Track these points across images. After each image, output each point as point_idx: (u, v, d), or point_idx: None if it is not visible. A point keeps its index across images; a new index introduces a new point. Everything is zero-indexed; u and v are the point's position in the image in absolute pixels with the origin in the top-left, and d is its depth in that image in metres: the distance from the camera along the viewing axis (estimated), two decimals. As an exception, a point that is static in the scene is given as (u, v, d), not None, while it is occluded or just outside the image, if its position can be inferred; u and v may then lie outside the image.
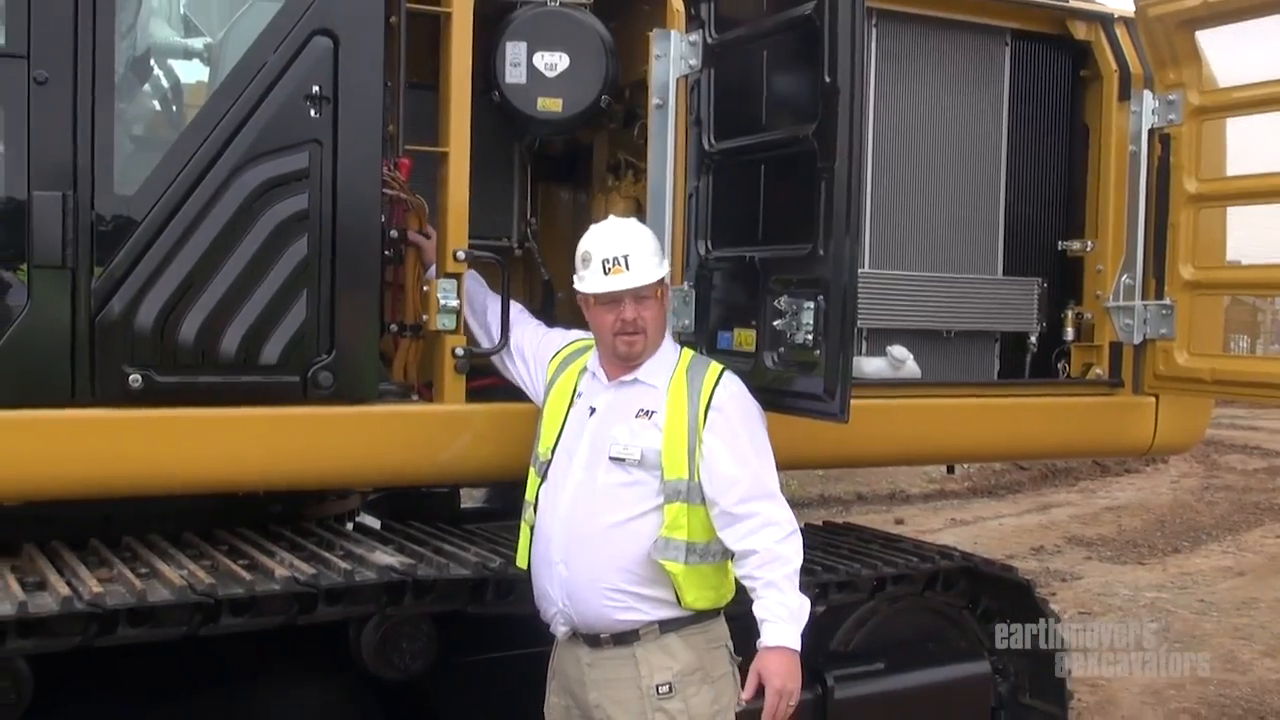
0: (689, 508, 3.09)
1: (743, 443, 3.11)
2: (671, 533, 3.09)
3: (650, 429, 3.14)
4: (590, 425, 3.24)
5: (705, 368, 3.21)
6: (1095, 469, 14.99)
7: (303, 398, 3.29)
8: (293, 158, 3.24)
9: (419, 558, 3.53)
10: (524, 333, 3.60)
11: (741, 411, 3.16)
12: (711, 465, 3.08)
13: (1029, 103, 4.55)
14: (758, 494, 3.08)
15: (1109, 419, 4.52)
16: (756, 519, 3.05)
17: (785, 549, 3.04)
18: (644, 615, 3.13)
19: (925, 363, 4.25)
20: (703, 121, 3.74)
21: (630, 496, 3.13)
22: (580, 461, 3.22)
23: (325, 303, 3.29)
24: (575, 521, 3.17)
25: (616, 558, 3.12)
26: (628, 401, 3.22)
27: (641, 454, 3.12)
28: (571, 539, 3.17)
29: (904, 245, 4.28)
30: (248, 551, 3.49)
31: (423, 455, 3.53)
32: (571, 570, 3.17)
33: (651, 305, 3.21)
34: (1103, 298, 4.48)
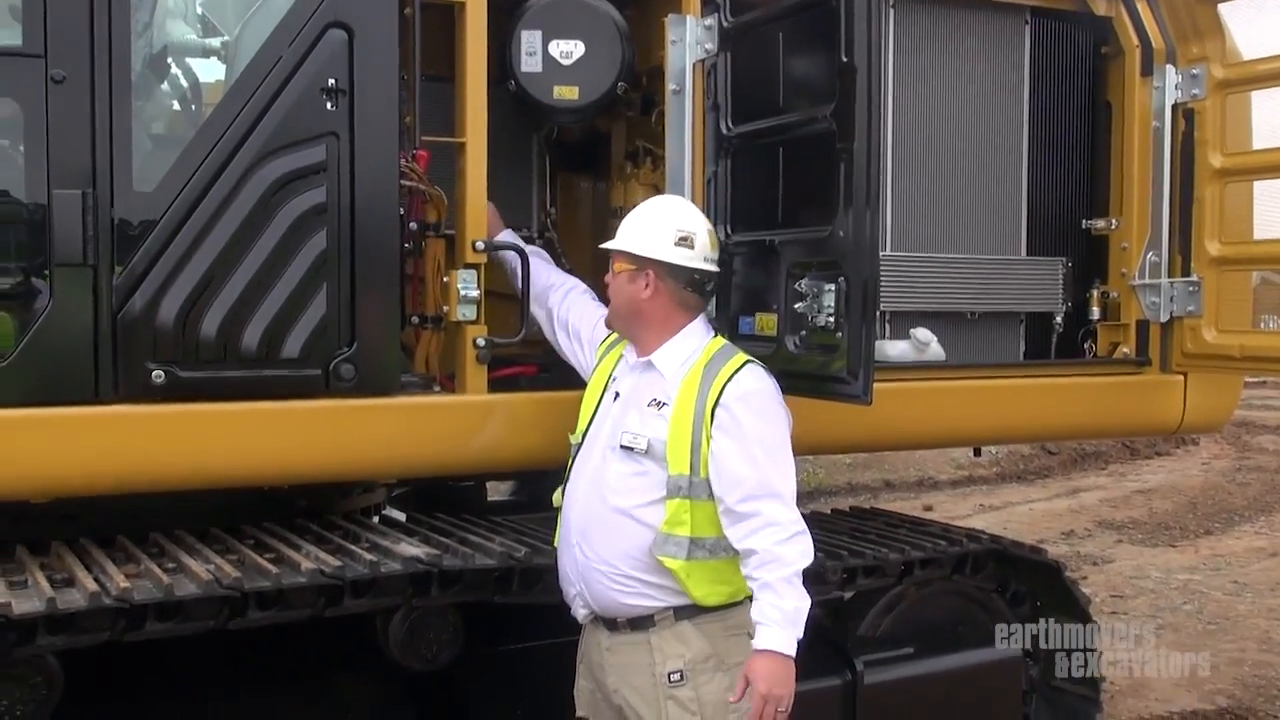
0: (692, 503, 3.07)
1: (752, 442, 3.05)
2: (672, 529, 3.07)
3: (658, 420, 3.13)
4: (614, 411, 3.25)
5: (725, 361, 3.15)
6: (1125, 452, 14.89)
7: (325, 390, 3.30)
8: (310, 151, 3.24)
9: (444, 549, 3.54)
10: (582, 312, 3.58)
11: (754, 409, 3.08)
12: (719, 463, 3.05)
13: (1050, 81, 4.51)
14: (762, 494, 3.02)
15: (1137, 398, 4.48)
16: (758, 519, 3.01)
17: (785, 550, 2.99)
18: (655, 601, 3.12)
19: (949, 345, 4.22)
20: (720, 106, 3.72)
21: (640, 485, 3.13)
22: (600, 447, 3.23)
23: (345, 295, 3.29)
24: (589, 506, 3.19)
25: (625, 544, 3.12)
26: (644, 388, 3.21)
27: (649, 444, 3.11)
28: (586, 523, 3.19)
29: (926, 227, 4.25)
30: (274, 546, 3.51)
31: (446, 446, 3.53)
32: (585, 554, 3.19)
33: (615, 279, 3.25)
34: (1128, 276, 4.44)
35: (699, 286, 3.27)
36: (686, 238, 3.23)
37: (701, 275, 3.26)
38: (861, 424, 3.80)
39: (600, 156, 4.49)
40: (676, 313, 3.24)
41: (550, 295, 3.65)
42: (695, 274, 3.24)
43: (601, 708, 3.26)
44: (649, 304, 3.22)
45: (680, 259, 3.22)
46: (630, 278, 3.22)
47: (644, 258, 3.20)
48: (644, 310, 3.23)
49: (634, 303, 3.23)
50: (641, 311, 3.23)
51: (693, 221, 3.28)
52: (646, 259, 3.20)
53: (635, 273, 3.21)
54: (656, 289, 3.21)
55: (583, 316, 3.57)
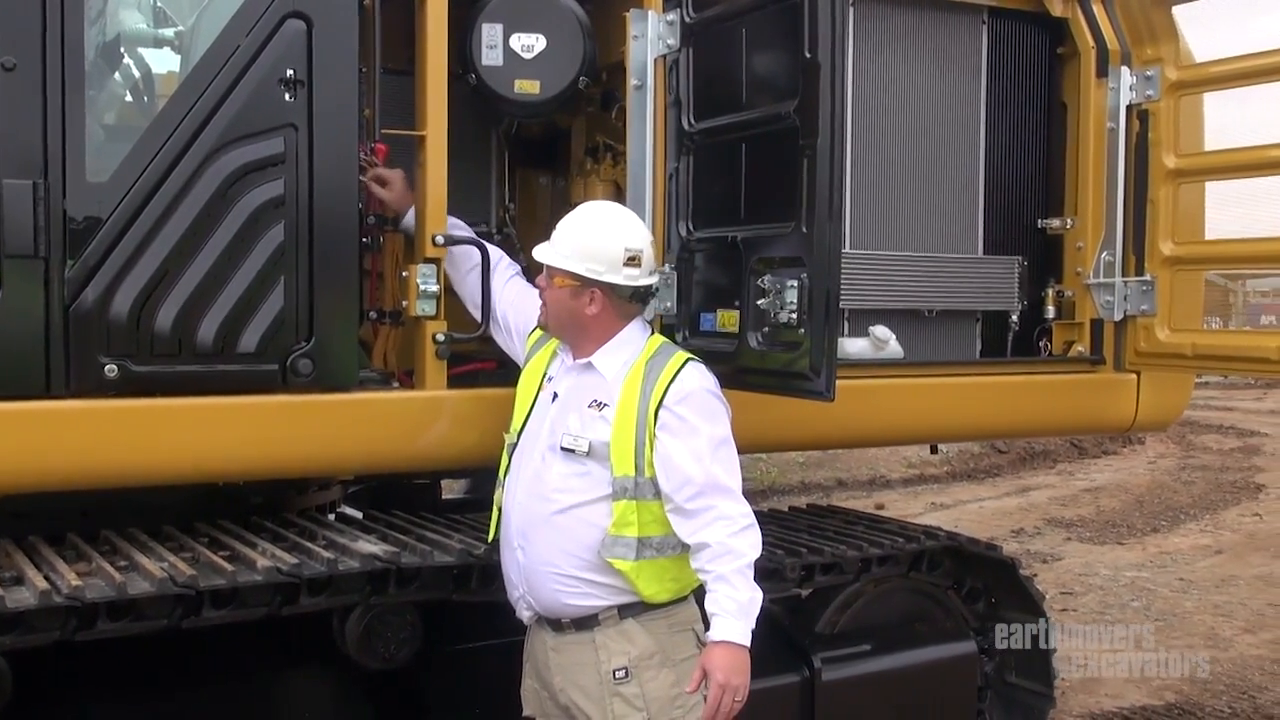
0: (639, 504, 3.05)
1: (699, 440, 3.04)
2: (620, 530, 3.06)
3: (599, 422, 3.10)
4: (551, 412, 3.21)
5: (665, 360, 3.13)
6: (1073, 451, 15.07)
7: (282, 386, 3.26)
8: (268, 143, 3.20)
9: (402, 546, 3.51)
10: (511, 302, 3.56)
11: (697, 407, 3.07)
12: (665, 462, 3.04)
13: (1007, 81, 4.55)
14: (711, 490, 3.02)
15: (1091, 396, 4.53)
16: (709, 513, 3.00)
17: (738, 543, 2.99)
18: (600, 600, 3.11)
19: (907, 343, 4.25)
20: (682, 102, 3.71)
21: (581, 485, 3.10)
22: (540, 447, 3.19)
23: (303, 289, 3.25)
24: (530, 507, 3.16)
25: (568, 544, 3.10)
26: (583, 389, 3.18)
27: (590, 446, 3.08)
28: (526, 523, 3.16)
29: (884, 225, 4.27)
30: (229, 543, 3.47)
31: (404, 442, 3.50)
32: (527, 555, 3.16)
33: (551, 290, 3.19)
34: (1083, 275, 4.48)
35: (643, 297, 3.26)
36: (635, 257, 3.17)
37: (645, 289, 3.24)
38: (819, 421, 3.82)
39: (560, 152, 4.47)
40: (617, 321, 3.22)
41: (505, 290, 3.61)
42: (640, 289, 3.22)
43: (548, 707, 3.25)
44: (592, 318, 3.18)
45: (628, 279, 3.17)
46: (573, 293, 3.16)
47: (590, 279, 3.15)
48: (586, 323, 3.19)
49: (577, 316, 3.19)
50: (583, 324, 3.20)
51: (639, 237, 3.22)
52: (593, 280, 3.15)
53: (578, 289, 3.15)
54: (601, 305, 3.17)
55: (511, 306, 3.55)
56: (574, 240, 3.18)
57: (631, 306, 3.23)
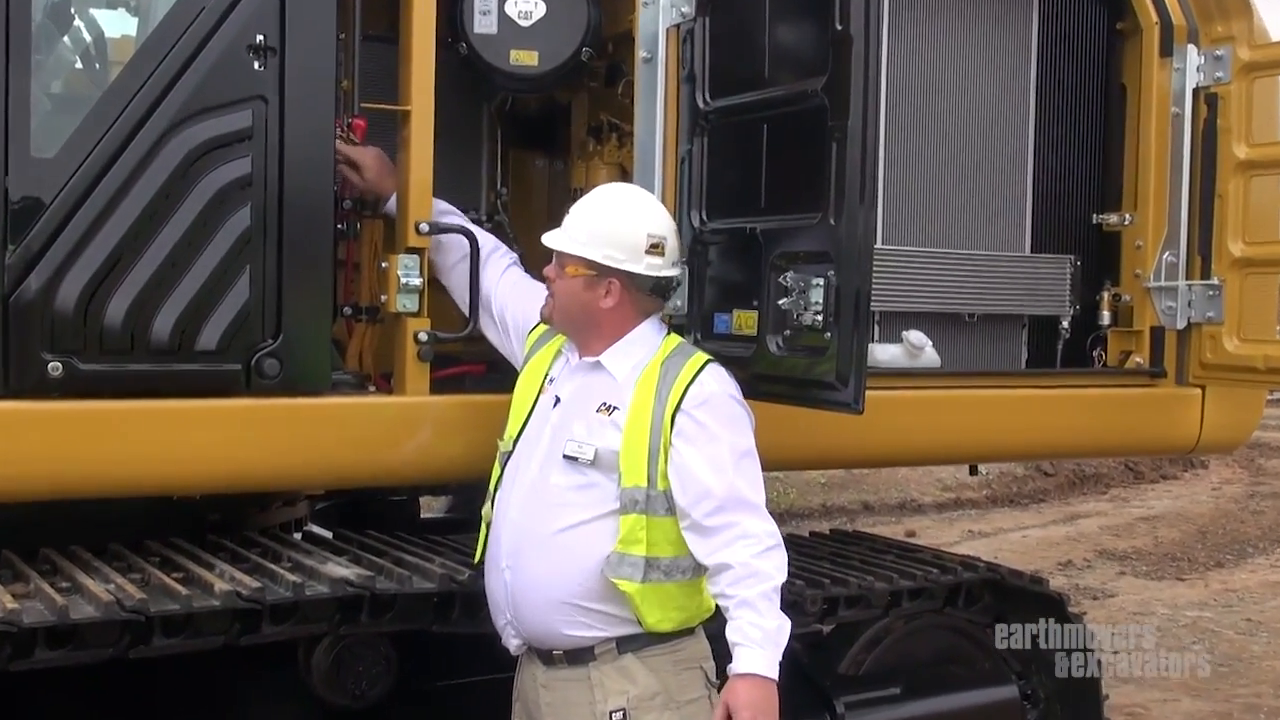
0: (649, 519, 3.06)
1: (719, 449, 3.05)
2: (627, 548, 3.06)
3: (609, 427, 3.11)
4: (553, 417, 3.22)
5: (683, 361, 3.14)
6: (1128, 475, 15.05)
7: (245, 388, 3.26)
8: (234, 116, 3.20)
9: (377, 569, 3.50)
10: (511, 294, 3.56)
11: (718, 414, 3.09)
12: (682, 474, 3.04)
13: (1060, 60, 4.55)
14: (733, 505, 3.02)
15: (1150, 413, 4.53)
16: (731, 531, 3.00)
17: (763, 564, 2.98)
18: (596, 631, 3.10)
19: (945, 349, 4.24)
20: (697, 77, 3.71)
21: (584, 500, 3.10)
22: (538, 457, 3.19)
23: (271, 281, 3.25)
24: (525, 523, 3.15)
25: (565, 567, 3.09)
26: (591, 392, 3.18)
27: (596, 454, 3.09)
28: (519, 542, 3.15)
29: (921, 219, 4.27)
30: (183, 564, 3.46)
31: (381, 453, 3.50)
32: (517, 577, 3.15)
33: (562, 279, 3.20)
34: (1142, 277, 4.48)
35: (663, 291, 3.27)
36: (658, 244, 3.20)
37: (668, 280, 3.26)
38: (845, 437, 3.81)
39: (559, 132, 4.47)
40: (634, 317, 3.24)
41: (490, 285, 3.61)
42: (662, 280, 3.23)
43: None
44: (607, 312, 3.20)
45: (650, 269, 3.19)
46: (587, 284, 3.18)
47: (608, 267, 3.16)
48: (600, 318, 3.20)
49: (590, 310, 3.20)
50: (597, 319, 3.21)
51: (663, 223, 3.25)
52: (611, 269, 3.16)
53: (594, 279, 3.17)
54: (619, 297, 3.19)
55: (509, 300, 3.55)
56: (591, 224, 3.19)
57: (650, 301, 3.24)
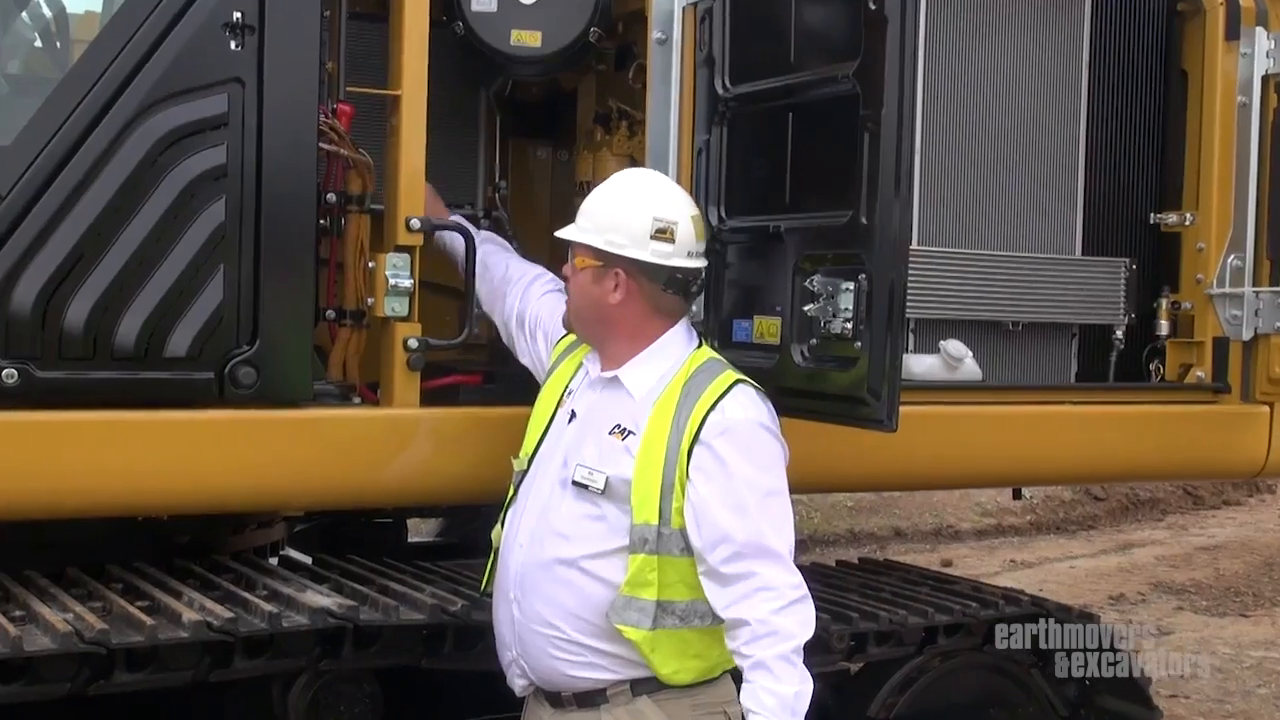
0: (661, 560, 3.02)
1: (740, 486, 3.00)
2: (635, 590, 3.02)
3: (622, 454, 3.08)
4: (569, 435, 3.21)
5: (708, 381, 3.09)
6: (1186, 500, 15.00)
7: (218, 398, 3.27)
8: (208, 101, 3.22)
9: (361, 599, 3.51)
10: (544, 306, 3.55)
11: (743, 444, 3.04)
12: (700, 513, 3.00)
13: (1114, 44, 4.55)
14: (753, 552, 2.97)
15: (1211, 432, 4.53)
16: (749, 582, 2.96)
17: (783, 621, 2.94)
18: (609, 673, 3.08)
19: (986, 361, 4.24)
20: (716, 60, 3.71)
21: (593, 532, 3.08)
22: (551, 478, 3.18)
23: (247, 281, 3.27)
24: (531, 551, 3.14)
25: (572, 602, 3.07)
26: (605, 410, 3.17)
27: (607, 483, 3.06)
28: (526, 572, 3.14)
29: (961, 217, 4.27)
30: (148, 591, 3.47)
31: (366, 471, 3.51)
32: (524, 611, 3.14)
33: (576, 277, 3.20)
34: (1204, 283, 4.48)
35: (681, 287, 3.21)
36: (666, 229, 3.15)
37: (684, 274, 3.20)
38: (876, 456, 3.83)
39: (564, 120, 4.49)
40: (651, 319, 3.20)
41: (509, 290, 3.62)
42: (676, 273, 3.18)
43: None
44: (618, 310, 3.17)
45: (657, 256, 3.15)
46: (594, 276, 3.16)
47: (611, 254, 3.15)
48: (612, 317, 3.18)
49: (600, 307, 3.18)
50: (609, 318, 3.19)
51: (673, 207, 3.21)
52: (614, 256, 3.15)
53: (600, 270, 3.15)
54: (628, 291, 3.16)
55: (543, 311, 3.55)
56: (596, 209, 3.20)
57: (667, 298, 3.19)
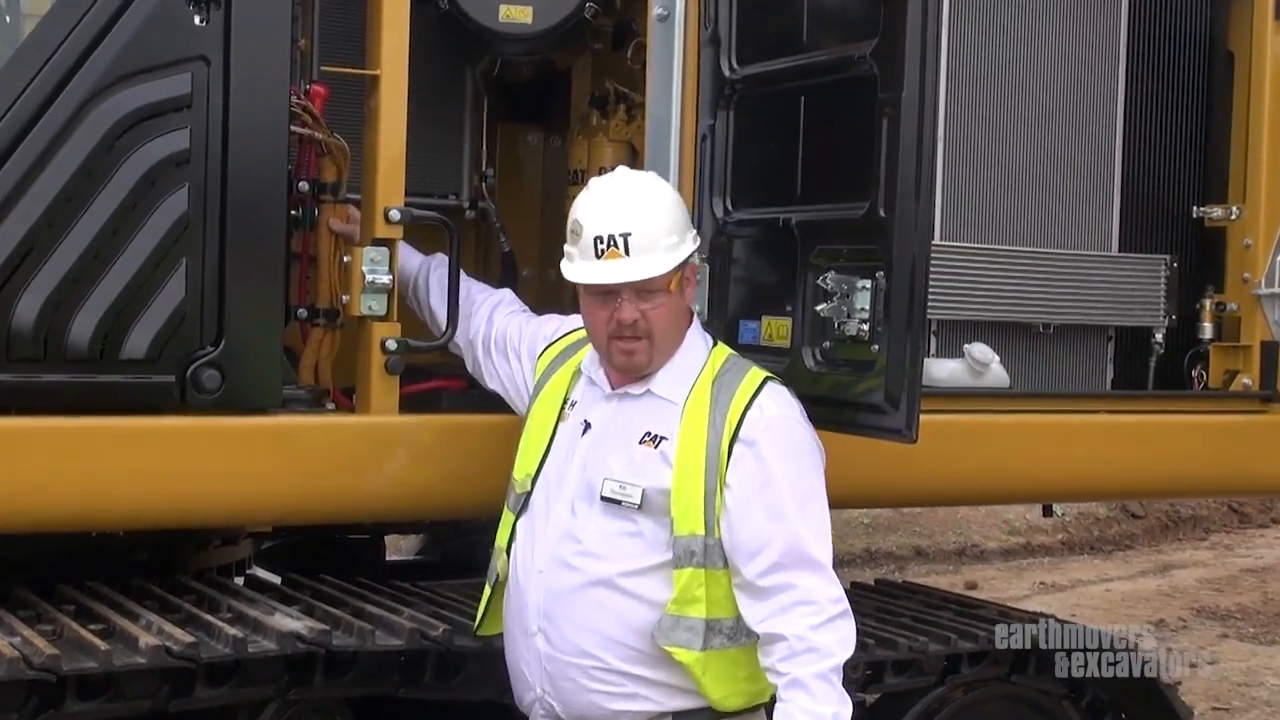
0: (708, 574, 3.03)
1: (780, 489, 3.02)
2: (683, 609, 3.03)
3: (656, 462, 3.07)
4: (583, 448, 3.19)
5: (740, 378, 3.12)
6: (1232, 518, 15.01)
7: (180, 404, 3.27)
8: (169, 81, 3.22)
9: (334, 622, 3.50)
10: (505, 317, 3.56)
11: (782, 445, 3.07)
12: (735, 520, 3.01)
13: (1154, 24, 4.57)
14: (793, 561, 2.99)
15: (1259, 444, 4.54)
16: (788, 594, 2.97)
17: (823, 637, 2.95)
18: (652, 704, 3.07)
19: (1014, 366, 4.25)
20: (722, 39, 3.73)
21: (630, 549, 3.07)
22: (567, 496, 3.16)
23: (211, 277, 3.27)
24: (558, 578, 3.11)
25: (613, 627, 3.06)
26: (631, 417, 3.15)
27: (643, 496, 3.05)
28: (553, 601, 3.11)
29: (987, 211, 4.28)
30: (103, 614, 3.46)
31: (341, 484, 3.51)
32: (553, 643, 3.11)
33: (662, 302, 3.09)
34: (1252, 282, 4.49)
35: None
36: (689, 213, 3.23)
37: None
38: (895, 469, 3.81)
39: (557, 103, 4.49)
40: (686, 316, 3.23)
41: (474, 313, 3.62)
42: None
43: None
44: (686, 315, 3.20)
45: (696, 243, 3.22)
46: (680, 288, 3.14)
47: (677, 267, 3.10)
48: (682, 326, 3.19)
49: (682, 323, 3.18)
50: (682, 329, 3.19)
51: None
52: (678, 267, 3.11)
53: (682, 279, 3.14)
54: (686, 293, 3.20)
55: (514, 331, 3.54)
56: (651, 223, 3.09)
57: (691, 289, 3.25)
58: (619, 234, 3.05)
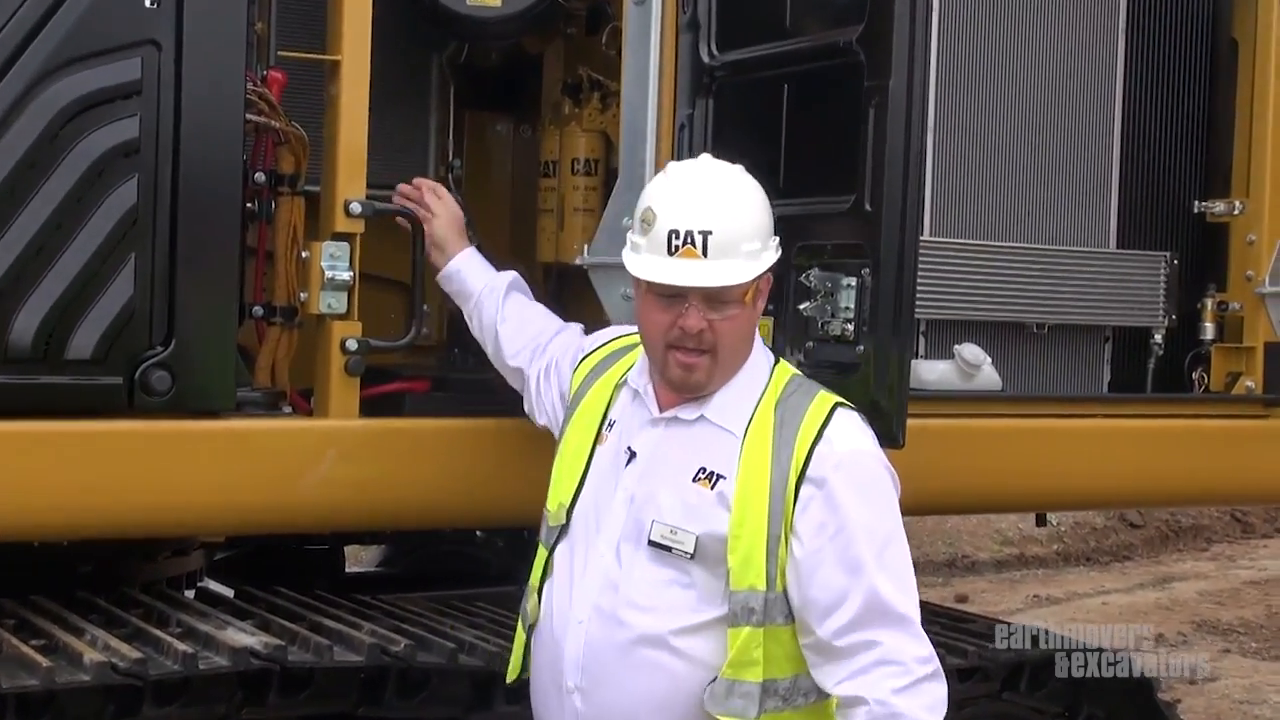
0: (767, 632, 2.80)
1: (856, 536, 2.78)
2: (739, 673, 2.79)
3: (712, 505, 2.83)
4: (628, 480, 2.95)
5: (806, 404, 2.87)
6: (1234, 527, 15.07)
7: (128, 407, 3.26)
8: (118, 66, 3.21)
9: (290, 637, 3.50)
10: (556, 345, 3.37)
11: (857, 483, 2.82)
12: (805, 572, 2.77)
13: (1155, 9, 4.58)
14: (873, 618, 2.75)
15: (1262, 450, 4.56)
16: (868, 654, 2.74)
17: (907, 703, 2.72)
18: None
19: (1007, 368, 4.26)
20: (701, 23, 3.73)
21: (682, 600, 2.84)
22: (610, 536, 2.93)
23: (162, 273, 3.26)
24: (601, 631, 2.89)
25: (663, 691, 2.84)
26: (685, 449, 2.90)
27: (697, 544, 2.82)
28: (593, 656, 2.88)
29: (978, 205, 4.29)
30: (45, 628, 3.46)
31: (297, 491, 3.49)
32: (592, 703, 2.89)
33: (734, 315, 2.83)
34: (1256, 280, 4.51)
35: None
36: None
37: None
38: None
39: (527, 90, 4.50)
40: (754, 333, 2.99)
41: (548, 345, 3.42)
42: None
43: None
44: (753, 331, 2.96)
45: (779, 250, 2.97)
46: (755, 299, 2.90)
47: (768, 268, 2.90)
48: (750, 340, 2.96)
49: (749, 336, 2.94)
50: (750, 344, 2.96)
51: None
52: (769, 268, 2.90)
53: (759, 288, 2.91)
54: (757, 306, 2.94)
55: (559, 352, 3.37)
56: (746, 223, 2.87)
57: None
58: (699, 231, 2.80)
